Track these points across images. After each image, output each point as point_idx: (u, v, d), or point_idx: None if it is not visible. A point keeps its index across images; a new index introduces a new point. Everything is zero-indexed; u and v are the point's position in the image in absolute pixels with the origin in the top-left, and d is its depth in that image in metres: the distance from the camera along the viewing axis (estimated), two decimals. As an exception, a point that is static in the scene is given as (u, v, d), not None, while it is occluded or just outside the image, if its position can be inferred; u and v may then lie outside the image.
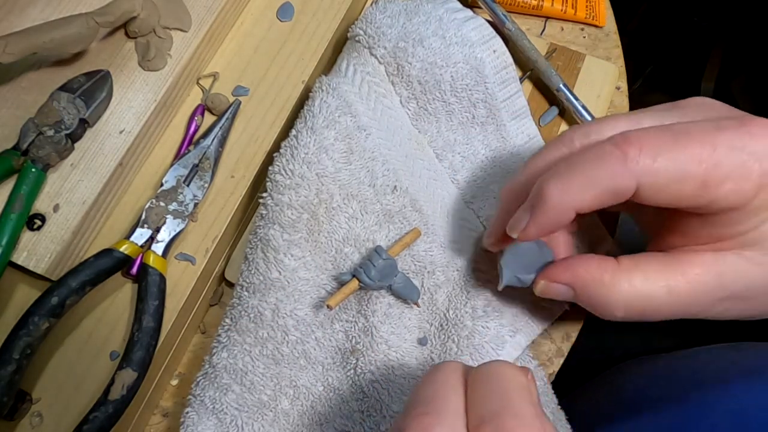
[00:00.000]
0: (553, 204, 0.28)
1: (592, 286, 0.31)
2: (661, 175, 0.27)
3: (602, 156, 0.27)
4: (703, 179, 0.27)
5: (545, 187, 0.28)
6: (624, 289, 0.30)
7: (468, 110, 0.41)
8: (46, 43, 0.35)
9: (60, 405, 0.34)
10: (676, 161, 0.27)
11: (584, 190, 0.28)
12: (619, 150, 0.27)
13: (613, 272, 0.31)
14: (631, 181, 0.27)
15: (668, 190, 0.27)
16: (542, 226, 0.29)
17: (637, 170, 0.27)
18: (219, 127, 0.39)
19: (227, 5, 0.42)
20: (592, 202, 0.28)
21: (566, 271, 0.32)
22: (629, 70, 0.47)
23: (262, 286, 0.36)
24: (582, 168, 0.28)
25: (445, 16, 0.41)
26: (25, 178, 0.35)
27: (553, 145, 0.32)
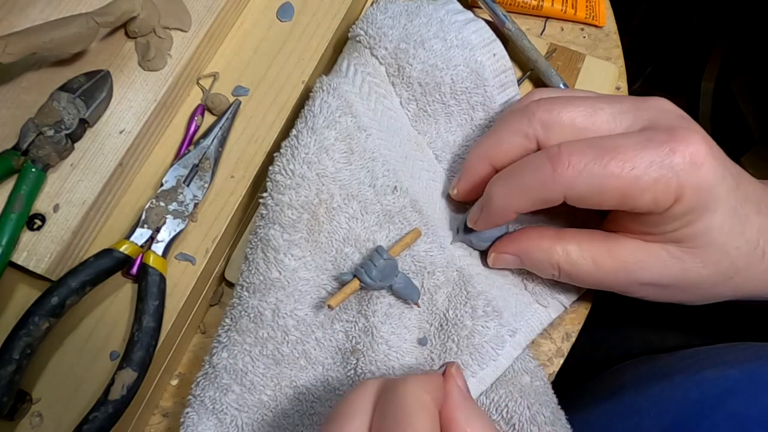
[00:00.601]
0: (496, 207, 0.34)
1: (534, 252, 0.36)
2: (583, 189, 0.31)
3: (536, 169, 0.32)
4: (623, 192, 0.30)
5: (492, 192, 0.34)
6: (558, 254, 0.35)
7: (467, 113, 0.41)
8: (46, 43, 0.35)
9: (60, 405, 0.34)
10: (597, 177, 0.30)
11: (520, 197, 0.33)
12: (549, 164, 0.31)
13: (551, 239, 0.35)
14: (558, 192, 0.31)
15: (590, 200, 0.31)
16: (490, 222, 0.35)
17: (563, 183, 0.31)
18: (219, 127, 0.39)
19: (227, 5, 0.42)
20: (527, 207, 0.33)
21: (512, 243, 0.37)
22: (629, 70, 0.47)
23: (262, 286, 0.36)
24: (520, 177, 0.33)
25: (446, 18, 0.41)
26: (25, 178, 0.35)
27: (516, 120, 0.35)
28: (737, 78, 1.19)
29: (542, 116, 0.33)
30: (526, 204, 0.33)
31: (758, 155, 1.13)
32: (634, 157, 0.30)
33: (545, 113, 0.33)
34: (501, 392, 0.36)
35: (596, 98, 0.34)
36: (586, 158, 0.30)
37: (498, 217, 0.34)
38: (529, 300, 0.38)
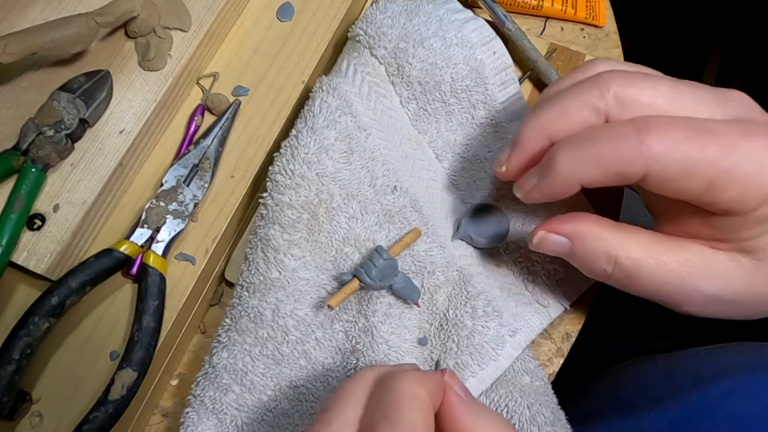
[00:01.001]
0: (561, 175, 0.29)
1: (589, 239, 0.31)
2: (671, 168, 0.27)
3: (618, 137, 0.28)
4: (711, 180, 0.27)
5: (557, 156, 0.29)
6: (617, 247, 0.30)
7: (468, 111, 0.41)
8: (46, 43, 0.35)
9: (60, 405, 0.34)
10: (689, 158, 0.27)
11: (593, 167, 0.28)
12: (636, 135, 0.27)
13: (611, 230, 0.31)
14: (640, 167, 0.27)
15: (674, 184, 0.27)
16: (546, 193, 0.30)
17: (649, 157, 0.27)
18: (219, 127, 0.39)
19: (227, 5, 0.42)
20: (598, 180, 0.28)
21: (566, 223, 0.32)
22: (629, 70, 0.47)
23: (262, 286, 0.36)
24: (596, 145, 0.28)
25: (445, 16, 0.41)
26: (25, 178, 0.35)
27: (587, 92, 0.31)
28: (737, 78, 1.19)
29: (618, 91, 0.29)
30: (597, 176, 0.28)
31: (758, 155, 1.13)
32: (734, 145, 0.27)
33: (622, 88, 0.29)
34: (501, 392, 0.36)
35: (676, 80, 0.30)
36: (681, 134, 0.27)
37: (559, 187, 0.30)
38: (530, 300, 0.38)
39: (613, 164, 0.28)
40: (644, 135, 0.27)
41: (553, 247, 0.33)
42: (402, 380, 0.25)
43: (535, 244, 0.33)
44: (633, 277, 0.31)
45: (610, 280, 0.32)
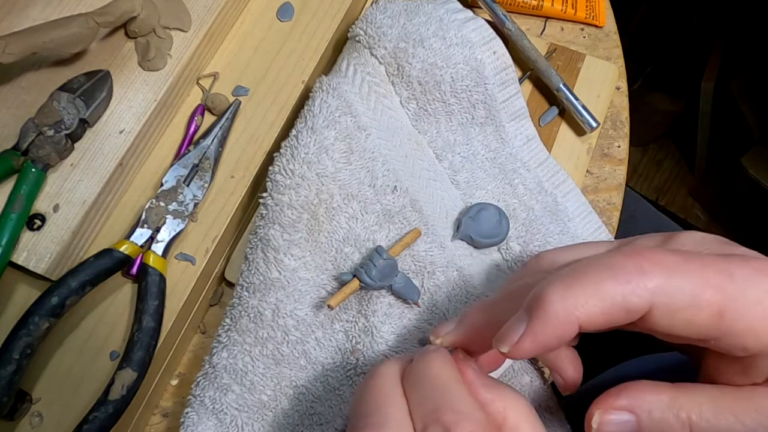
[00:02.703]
0: (555, 313, 0.24)
1: (657, 410, 0.27)
2: (679, 297, 0.24)
3: (615, 265, 0.24)
4: (721, 310, 0.24)
5: (546, 290, 0.25)
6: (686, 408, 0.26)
7: (468, 111, 0.41)
8: (46, 43, 0.35)
9: (60, 405, 0.34)
10: (695, 283, 0.24)
11: (592, 301, 0.24)
12: (633, 262, 0.24)
13: (672, 391, 0.27)
14: (647, 298, 0.24)
15: (682, 315, 0.24)
16: (540, 339, 0.25)
17: (653, 286, 0.24)
18: (219, 127, 0.39)
19: (227, 5, 0.42)
20: (600, 317, 0.24)
21: (621, 396, 0.28)
22: (629, 70, 0.47)
23: (262, 286, 0.36)
24: (591, 275, 0.24)
25: (445, 16, 0.41)
26: (25, 178, 0.35)
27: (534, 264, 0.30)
28: (737, 78, 1.20)
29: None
30: (598, 313, 0.24)
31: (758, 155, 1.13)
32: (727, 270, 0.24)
33: None
34: (501, 392, 0.36)
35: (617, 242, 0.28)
36: (676, 260, 0.25)
37: (554, 330, 0.24)
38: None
39: (615, 297, 0.24)
40: (642, 262, 0.24)
41: (617, 429, 0.27)
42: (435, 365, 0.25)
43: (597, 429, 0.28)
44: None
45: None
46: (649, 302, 0.24)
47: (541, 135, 0.43)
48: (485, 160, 0.41)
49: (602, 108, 0.45)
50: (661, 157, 1.37)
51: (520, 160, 0.42)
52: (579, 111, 0.43)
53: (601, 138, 0.46)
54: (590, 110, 0.43)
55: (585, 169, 0.44)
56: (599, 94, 0.45)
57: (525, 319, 0.25)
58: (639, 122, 1.03)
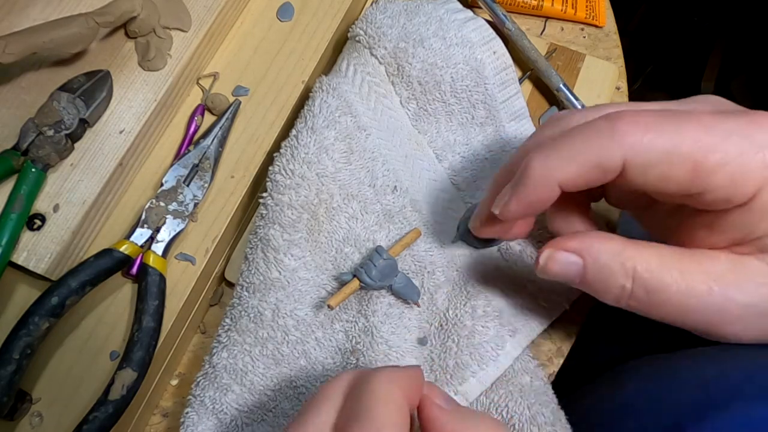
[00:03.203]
0: (535, 176, 0.27)
1: (603, 253, 0.28)
2: (650, 152, 0.25)
3: (591, 129, 0.26)
4: (695, 162, 0.25)
5: (529, 158, 0.27)
6: (634, 259, 0.27)
7: (468, 111, 0.41)
8: (46, 43, 0.35)
9: (60, 405, 0.34)
10: (668, 139, 0.25)
11: (568, 162, 0.26)
12: (609, 123, 0.26)
13: (625, 243, 0.28)
14: (618, 154, 0.25)
15: (656, 170, 0.25)
16: (524, 200, 0.27)
17: (625, 144, 0.25)
18: (219, 127, 0.39)
19: (227, 5, 0.42)
20: (576, 177, 0.26)
21: (575, 239, 0.29)
22: (629, 70, 0.47)
23: (262, 286, 0.36)
24: (569, 141, 0.26)
25: (445, 16, 0.41)
26: (25, 178, 0.35)
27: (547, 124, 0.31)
28: (737, 78, 1.19)
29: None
30: (574, 172, 0.26)
31: (758, 155, 1.13)
32: (711, 124, 0.25)
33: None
34: (501, 392, 0.36)
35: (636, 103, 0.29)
36: (656, 119, 0.25)
37: (536, 191, 0.27)
38: (530, 300, 0.38)
39: (590, 156, 0.26)
40: (617, 123, 0.25)
41: (562, 268, 0.29)
42: (374, 380, 0.25)
43: (542, 265, 0.30)
44: (656, 292, 0.27)
45: (630, 301, 0.28)
46: (621, 159, 0.25)
47: (541, 135, 0.43)
48: (485, 160, 0.41)
49: (602, 108, 0.45)
50: (661, 157, 1.37)
51: (520, 160, 0.42)
52: (579, 111, 0.43)
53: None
54: (590, 110, 0.43)
55: (585, 169, 0.44)
56: (599, 94, 0.45)
57: (513, 185, 0.28)
58: (639, 122, 1.02)
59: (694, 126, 0.25)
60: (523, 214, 0.28)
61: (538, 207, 0.28)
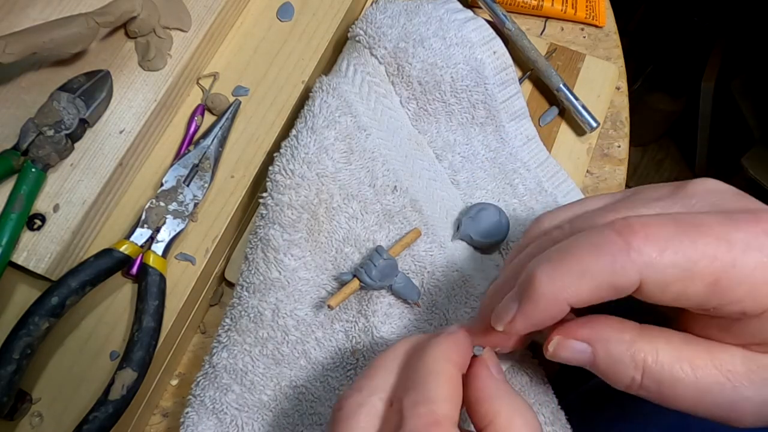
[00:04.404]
0: (543, 294, 0.25)
1: (612, 343, 0.27)
2: (669, 271, 0.24)
3: (602, 243, 0.24)
4: (715, 279, 0.24)
5: (535, 272, 0.25)
6: (644, 350, 0.26)
7: (468, 111, 0.41)
8: (46, 43, 0.35)
9: (60, 405, 0.34)
10: (687, 256, 0.24)
11: (580, 281, 0.24)
12: (621, 238, 0.24)
13: (636, 331, 0.27)
14: (635, 275, 0.24)
15: (675, 288, 0.24)
16: (531, 318, 0.26)
17: (641, 263, 0.24)
18: (219, 127, 0.39)
19: (227, 5, 0.42)
20: (588, 296, 0.25)
21: (584, 326, 0.28)
22: (629, 70, 0.47)
23: (262, 286, 0.36)
24: (578, 255, 0.25)
25: (445, 16, 0.41)
26: (25, 178, 0.35)
27: (535, 228, 0.30)
28: (737, 78, 1.20)
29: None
30: (586, 291, 0.25)
31: (758, 155, 1.13)
32: (725, 236, 0.24)
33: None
34: (501, 392, 0.36)
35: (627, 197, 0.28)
36: (669, 231, 0.24)
37: (544, 310, 0.25)
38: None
39: (604, 275, 0.24)
40: (630, 238, 0.24)
41: (571, 355, 0.28)
42: (430, 352, 0.26)
43: (551, 352, 0.28)
44: (666, 385, 0.26)
45: (641, 391, 0.27)
46: (637, 279, 0.24)
47: (541, 135, 0.43)
48: (485, 160, 0.41)
49: (602, 108, 0.45)
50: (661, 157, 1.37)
51: (520, 160, 0.42)
52: (579, 111, 0.43)
53: (601, 138, 0.46)
54: (590, 110, 0.43)
55: (585, 169, 0.44)
56: (599, 94, 0.45)
57: (516, 300, 0.26)
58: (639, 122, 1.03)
59: (711, 240, 0.24)
60: (527, 331, 0.27)
61: (544, 324, 0.26)
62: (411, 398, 0.24)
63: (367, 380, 0.26)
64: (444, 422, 0.24)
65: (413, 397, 0.24)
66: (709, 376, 0.26)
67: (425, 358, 0.26)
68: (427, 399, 0.24)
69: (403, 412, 0.24)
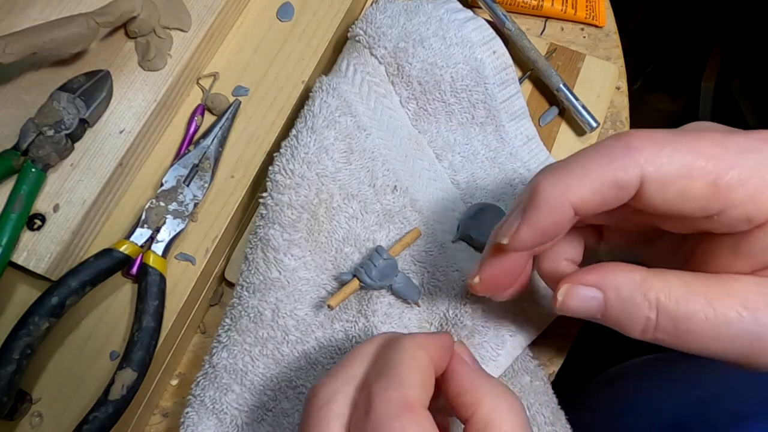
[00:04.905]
0: (547, 198, 0.25)
1: (623, 285, 0.26)
2: (669, 166, 0.24)
3: (603, 147, 0.25)
4: (714, 178, 0.24)
5: (539, 180, 0.26)
6: (656, 288, 0.25)
7: (468, 111, 0.41)
8: (46, 43, 0.35)
9: (60, 405, 0.34)
10: (686, 153, 0.24)
11: (582, 181, 0.25)
12: (622, 141, 0.25)
13: (646, 273, 0.26)
14: (635, 170, 0.24)
15: (676, 186, 0.24)
16: (536, 226, 0.26)
17: (642, 159, 0.24)
18: (219, 127, 0.39)
19: (227, 5, 0.42)
20: (591, 197, 0.25)
21: (592, 272, 0.27)
22: (629, 70, 0.47)
23: (262, 286, 0.36)
24: (580, 160, 0.25)
25: (445, 16, 0.41)
26: (25, 178, 0.35)
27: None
28: (737, 78, 1.19)
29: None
30: (589, 192, 0.25)
31: (758, 155, 1.12)
32: (724, 141, 0.24)
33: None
34: (501, 392, 0.36)
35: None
36: (668, 135, 0.25)
37: (549, 215, 0.25)
38: (530, 300, 0.38)
39: (606, 174, 0.24)
40: (630, 140, 0.25)
41: (582, 304, 0.27)
42: (403, 342, 0.26)
43: (561, 303, 0.28)
44: (682, 322, 0.25)
45: (657, 333, 0.26)
46: (638, 175, 0.24)
47: (541, 135, 0.43)
48: (485, 160, 0.41)
49: (602, 108, 0.45)
50: (661, 157, 1.36)
51: (520, 160, 0.42)
52: (579, 111, 0.43)
53: (601, 138, 0.46)
54: (590, 110, 0.43)
55: (585, 169, 0.44)
56: (599, 94, 0.45)
57: (521, 211, 0.26)
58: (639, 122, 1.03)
59: (710, 143, 0.24)
60: (535, 244, 0.26)
61: (551, 234, 0.26)
62: (381, 383, 0.24)
63: (343, 369, 0.26)
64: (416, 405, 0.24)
65: (383, 383, 0.24)
66: (725, 306, 0.25)
67: (399, 347, 0.26)
68: (398, 384, 0.24)
69: (372, 396, 0.24)
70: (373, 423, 0.23)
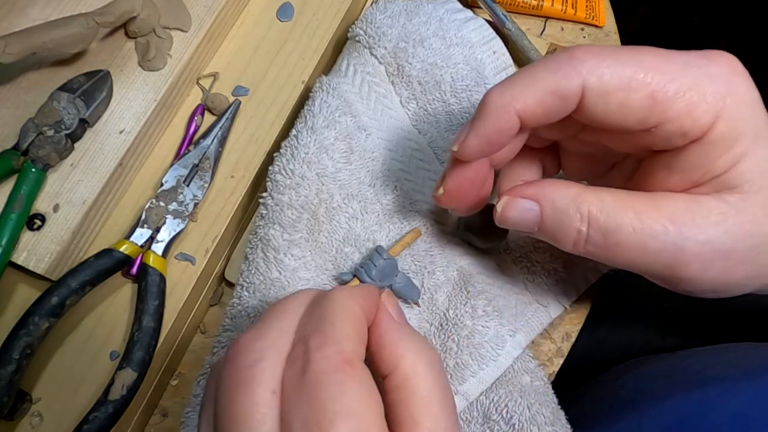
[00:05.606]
0: (493, 106, 0.26)
1: (559, 198, 0.28)
2: (609, 77, 0.25)
3: (549, 60, 0.26)
4: (653, 90, 0.25)
5: (488, 92, 0.27)
6: (589, 201, 0.27)
7: (468, 111, 0.41)
8: (46, 43, 0.35)
9: (60, 405, 0.34)
10: (626, 65, 0.25)
11: (527, 91, 0.26)
12: (567, 53, 0.26)
13: (581, 187, 0.28)
14: (576, 80, 0.25)
15: (615, 98, 0.25)
16: (483, 134, 0.27)
17: (584, 70, 0.25)
18: (219, 127, 0.39)
19: (227, 5, 0.42)
20: (535, 104, 0.26)
21: (532, 186, 0.29)
22: (629, 70, 0.47)
23: (262, 286, 0.36)
24: (527, 71, 0.26)
25: (445, 16, 0.41)
26: (25, 178, 0.35)
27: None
28: (737, 78, 1.19)
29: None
30: (533, 99, 0.26)
31: (758, 155, 1.12)
32: (668, 56, 0.25)
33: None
34: (501, 392, 0.36)
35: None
36: (612, 49, 0.26)
37: (494, 122, 0.27)
38: (530, 300, 0.38)
39: (548, 83, 0.26)
40: (574, 52, 0.26)
41: (520, 215, 0.29)
42: (335, 294, 0.26)
43: (500, 213, 0.30)
44: (611, 234, 0.26)
45: (588, 246, 0.27)
46: (580, 85, 0.25)
47: (541, 135, 0.43)
48: (485, 160, 0.41)
49: (602, 108, 0.45)
50: (661, 157, 1.37)
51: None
52: (579, 111, 0.43)
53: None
54: (590, 110, 0.43)
55: (585, 169, 0.44)
56: (599, 94, 0.45)
57: (470, 121, 0.28)
58: (639, 122, 1.02)
59: (652, 56, 0.25)
60: (482, 151, 0.28)
61: (497, 140, 0.27)
62: (317, 339, 0.23)
63: (272, 324, 0.25)
64: (354, 360, 0.23)
65: (319, 339, 0.23)
66: (652, 219, 0.26)
67: (332, 300, 0.25)
68: (334, 339, 0.23)
69: (309, 353, 0.23)
70: (312, 380, 0.22)
